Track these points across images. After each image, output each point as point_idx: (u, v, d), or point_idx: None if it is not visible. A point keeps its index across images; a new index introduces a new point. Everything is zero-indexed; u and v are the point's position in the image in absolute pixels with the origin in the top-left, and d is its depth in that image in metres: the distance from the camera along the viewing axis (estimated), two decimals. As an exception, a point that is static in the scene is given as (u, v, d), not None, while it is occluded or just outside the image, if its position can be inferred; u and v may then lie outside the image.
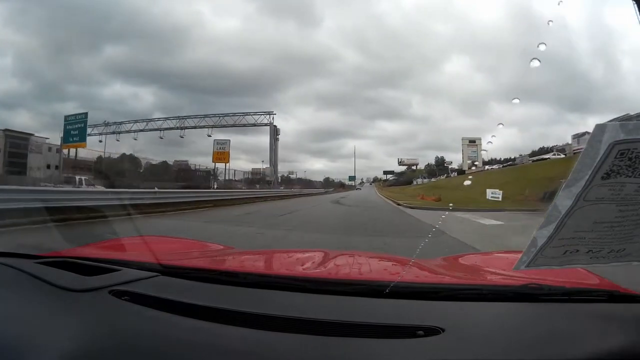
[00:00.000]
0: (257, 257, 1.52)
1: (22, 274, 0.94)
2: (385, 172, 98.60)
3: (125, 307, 0.80)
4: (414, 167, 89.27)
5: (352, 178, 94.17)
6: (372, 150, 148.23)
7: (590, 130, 0.47)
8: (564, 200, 0.51)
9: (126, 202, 9.69)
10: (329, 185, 66.58)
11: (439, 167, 76.66)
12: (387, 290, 0.83)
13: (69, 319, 0.75)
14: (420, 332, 0.69)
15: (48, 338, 0.67)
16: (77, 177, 19.92)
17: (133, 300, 0.82)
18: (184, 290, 0.88)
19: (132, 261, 1.05)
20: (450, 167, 72.00)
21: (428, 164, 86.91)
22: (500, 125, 0.99)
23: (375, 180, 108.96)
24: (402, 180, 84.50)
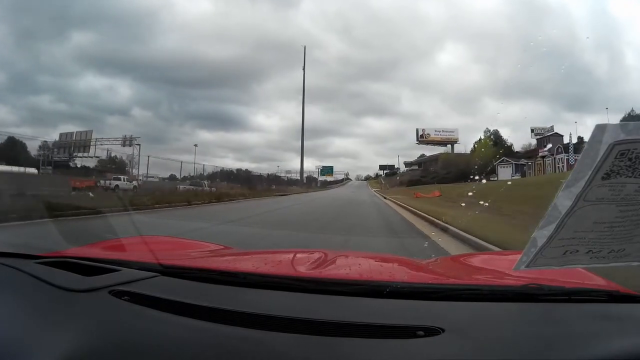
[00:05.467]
0: (257, 257, 1.52)
1: (21, 274, 0.94)
2: (382, 167, 77.85)
3: (125, 307, 0.80)
4: (446, 147, 55.83)
5: (327, 170, 68.56)
6: (360, 150, 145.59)
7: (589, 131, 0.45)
8: (564, 201, 0.51)
9: None
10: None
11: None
12: (387, 291, 0.83)
13: (69, 319, 0.75)
14: (420, 333, 0.69)
15: (48, 338, 0.67)
16: None
17: (133, 301, 0.82)
18: (184, 290, 0.88)
19: (132, 261, 1.05)
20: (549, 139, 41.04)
21: (475, 143, 54.02)
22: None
23: (368, 178, 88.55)
24: (436, 171, 47.90)
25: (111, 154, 26.10)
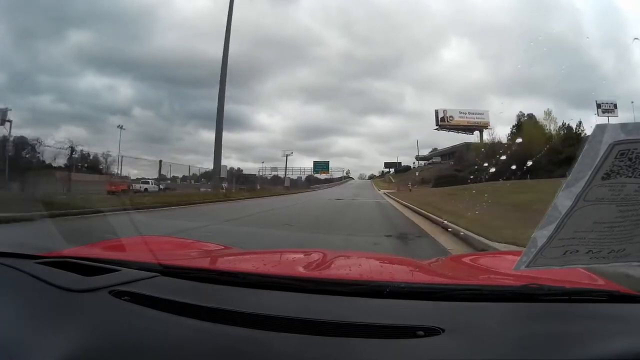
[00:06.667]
0: (257, 257, 1.52)
1: (22, 274, 0.94)
2: (388, 165, 73.15)
3: (125, 308, 0.80)
4: (473, 134, 43.61)
5: (321, 166, 57.73)
6: (363, 149, 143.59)
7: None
8: (564, 201, 0.51)
9: None
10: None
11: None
12: (387, 291, 0.83)
13: (69, 320, 0.75)
14: (420, 333, 0.69)
15: (48, 338, 0.67)
16: None
17: (133, 301, 0.82)
18: (184, 290, 0.88)
19: (132, 261, 1.05)
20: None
21: (512, 127, 35.46)
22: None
23: (372, 177, 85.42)
24: (478, 162, 24.20)
25: (82, 151, 24.54)
